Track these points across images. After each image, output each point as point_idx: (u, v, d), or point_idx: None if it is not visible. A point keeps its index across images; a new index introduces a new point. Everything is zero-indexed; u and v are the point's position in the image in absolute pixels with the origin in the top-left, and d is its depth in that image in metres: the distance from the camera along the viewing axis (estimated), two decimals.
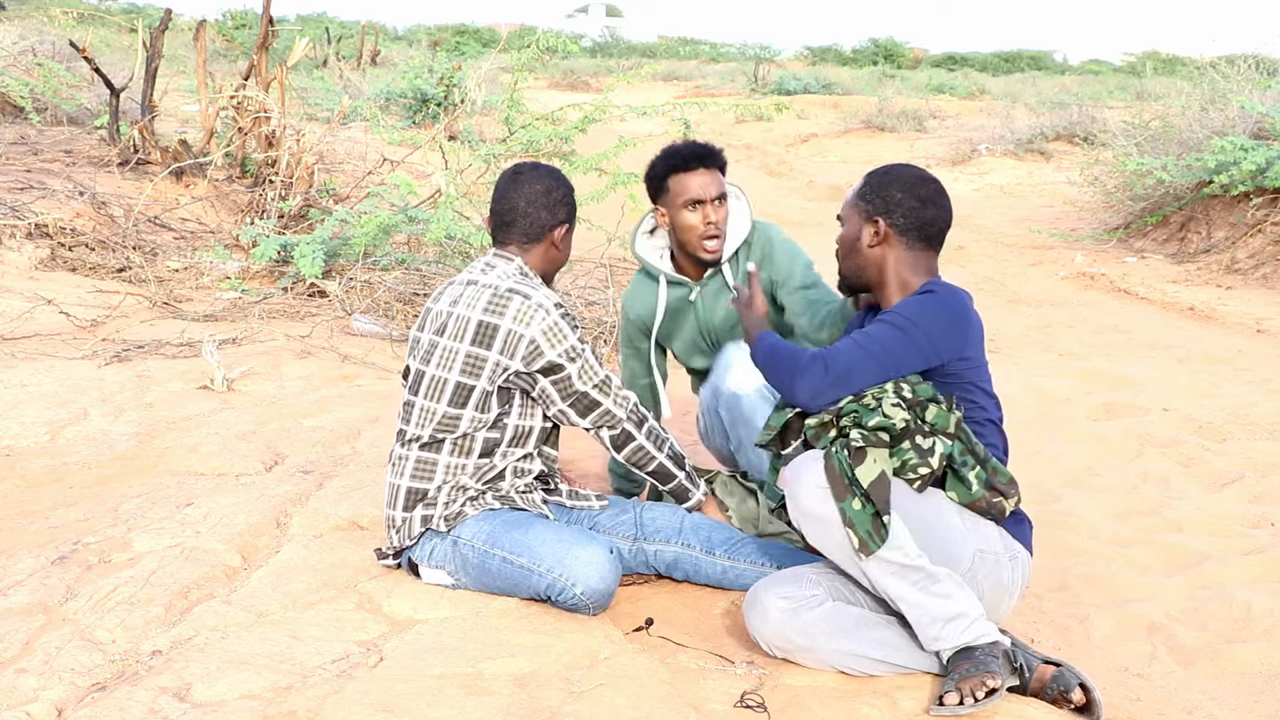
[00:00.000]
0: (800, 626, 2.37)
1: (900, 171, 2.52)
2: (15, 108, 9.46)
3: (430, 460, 2.65)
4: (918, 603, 2.25)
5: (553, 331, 2.59)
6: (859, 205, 2.52)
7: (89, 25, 14.29)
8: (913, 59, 40.84)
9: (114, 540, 2.88)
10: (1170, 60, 18.97)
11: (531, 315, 2.58)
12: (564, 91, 24.26)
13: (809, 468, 2.26)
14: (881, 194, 2.49)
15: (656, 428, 2.80)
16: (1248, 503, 3.77)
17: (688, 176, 3.06)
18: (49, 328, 5.07)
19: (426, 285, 5.92)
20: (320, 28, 22.70)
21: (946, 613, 2.24)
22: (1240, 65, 9.60)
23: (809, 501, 2.25)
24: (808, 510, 2.26)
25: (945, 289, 2.46)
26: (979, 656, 2.20)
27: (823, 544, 2.29)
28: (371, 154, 8.74)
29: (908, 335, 2.35)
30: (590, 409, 2.68)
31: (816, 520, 2.26)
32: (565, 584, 2.52)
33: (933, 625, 2.25)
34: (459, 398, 2.61)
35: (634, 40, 52.26)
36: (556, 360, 2.60)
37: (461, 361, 2.59)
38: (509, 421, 2.66)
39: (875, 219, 2.49)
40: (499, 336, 2.57)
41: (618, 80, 8.14)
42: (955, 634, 2.23)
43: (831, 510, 2.22)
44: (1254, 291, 7.52)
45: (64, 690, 2.16)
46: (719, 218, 3.08)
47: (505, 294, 2.61)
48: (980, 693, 2.13)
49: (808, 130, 18.50)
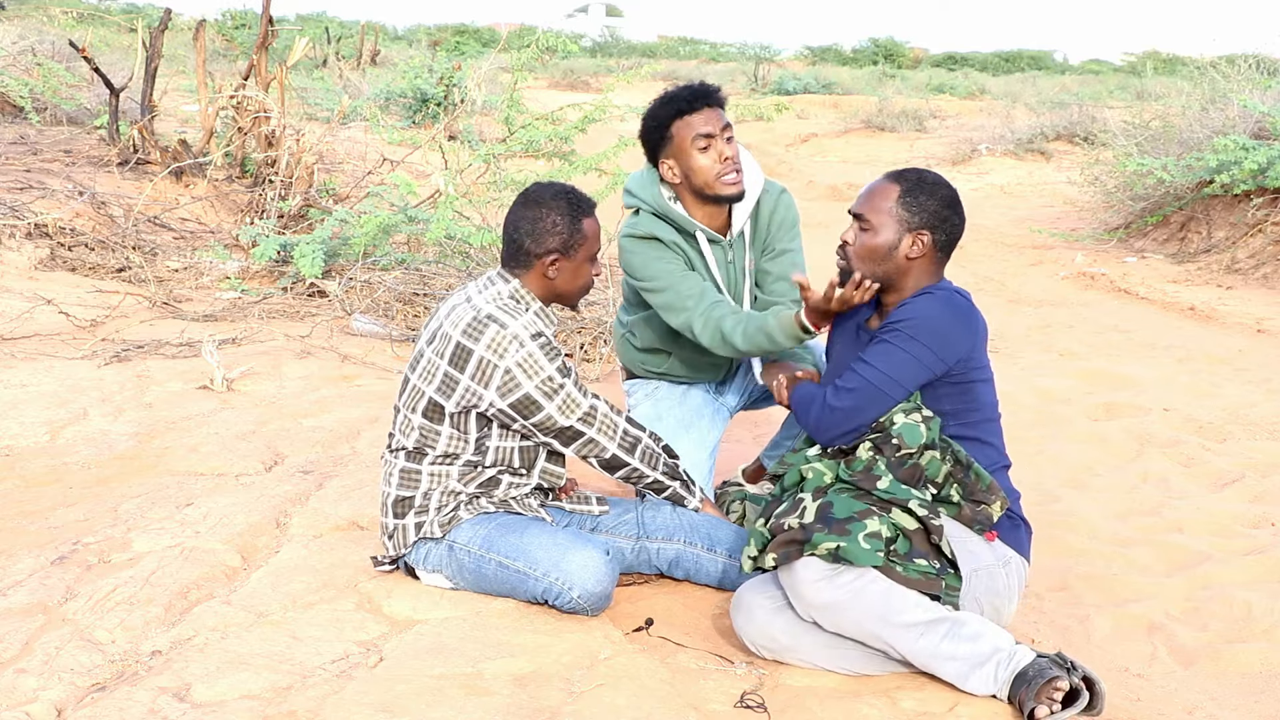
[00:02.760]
0: (784, 625, 2.38)
1: (937, 183, 2.49)
2: (15, 107, 9.46)
3: (414, 470, 2.65)
4: (952, 654, 2.25)
5: (528, 363, 2.52)
6: (901, 216, 2.46)
7: (89, 25, 14.29)
8: (913, 59, 40.84)
9: (114, 540, 2.88)
10: (1170, 60, 18.96)
11: (506, 346, 2.52)
12: (564, 91, 24.24)
13: (803, 565, 2.27)
14: (927, 207, 2.45)
15: (651, 447, 2.74)
16: (1248, 503, 3.77)
17: (694, 116, 2.92)
18: (49, 328, 5.07)
19: (426, 285, 5.92)
20: (320, 28, 22.66)
21: (982, 654, 2.24)
22: (1240, 65, 9.60)
23: (813, 594, 2.27)
24: (814, 602, 2.28)
25: (946, 290, 2.47)
26: (1032, 674, 2.20)
27: (839, 626, 2.30)
28: (371, 154, 8.74)
29: (913, 354, 2.38)
30: (574, 439, 2.63)
31: (825, 609, 2.28)
32: (562, 588, 2.51)
33: (974, 671, 2.24)
34: (433, 413, 2.59)
35: (634, 40, 52.22)
36: (534, 395, 2.54)
37: (440, 379, 2.57)
38: (490, 444, 2.64)
39: (921, 232, 2.46)
40: (471, 361, 2.53)
41: (618, 80, 8.14)
42: (1000, 671, 2.23)
43: (836, 598, 2.25)
44: (1254, 291, 7.52)
45: (64, 690, 2.16)
46: (734, 151, 2.94)
47: (484, 319, 2.55)
48: (1057, 695, 2.15)
49: (808, 130, 18.50)
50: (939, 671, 2.27)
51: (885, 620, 2.25)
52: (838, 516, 2.27)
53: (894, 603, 2.25)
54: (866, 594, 2.24)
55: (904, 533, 2.30)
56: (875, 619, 2.25)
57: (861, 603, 2.25)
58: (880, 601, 2.24)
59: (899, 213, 2.46)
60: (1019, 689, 2.21)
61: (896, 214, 2.46)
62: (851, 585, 2.25)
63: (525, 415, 2.56)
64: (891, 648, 2.28)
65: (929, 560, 2.31)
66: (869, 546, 2.23)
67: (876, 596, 2.24)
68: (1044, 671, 2.18)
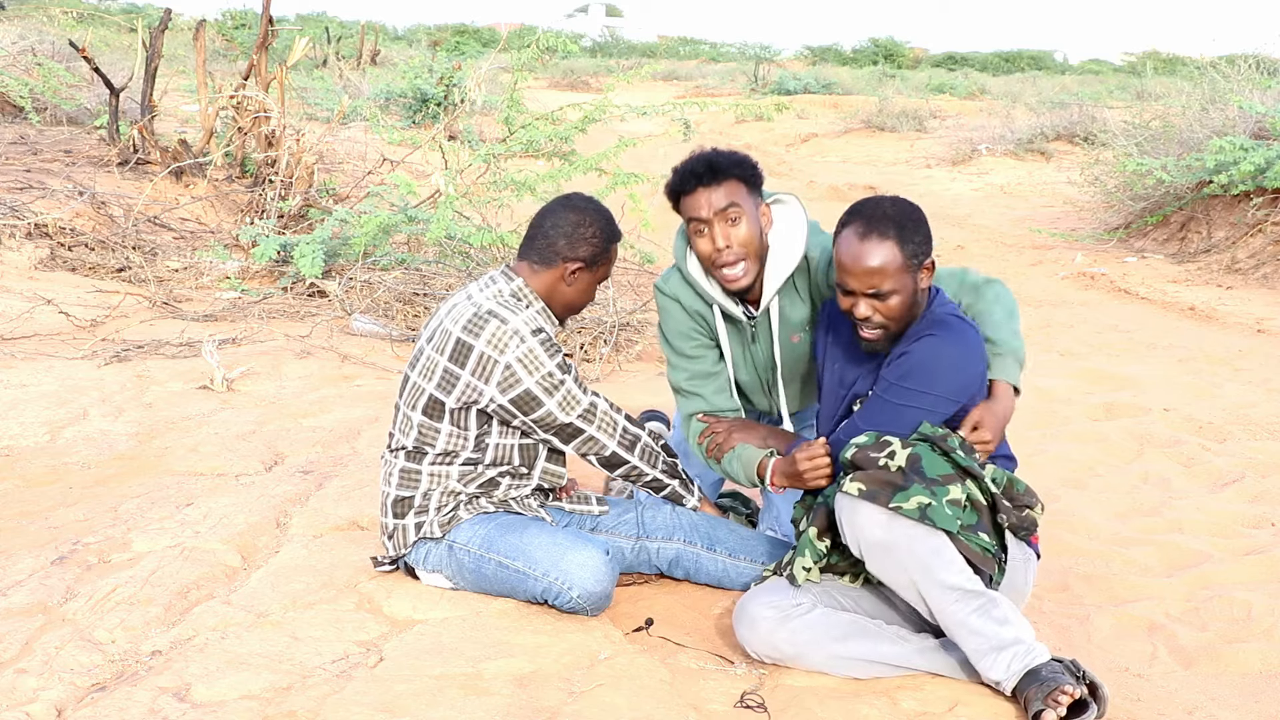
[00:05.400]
0: (787, 635, 2.38)
1: (906, 206, 2.43)
2: (15, 108, 9.47)
3: (413, 470, 2.65)
4: (978, 629, 2.24)
5: (528, 358, 2.52)
6: (907, 263, 2.35)
7: (89, 25, 14.29)
8: (913, 59, 40.84)
9: (114, 540, 2.88)
10: (1170, 60, 18.93)
11: (506, 341, 2.52)
12: (564, 91, 24.25)
13: (869, 501, 2.24)
14: (914, 238, 2.38)
15: (650, 445, 2.75)
16: (1248, 503, 3.76)
17: (689, 199, 2.60)
18: (49, 328, 5.07)
19: (426, 285, 5.92)
20: (320, 27, 22.69)
21: (1004, 639, 2.24)
22: (1240, 65, 9.59)
23: (871, 530, 2.24)
24: (870, 538, 2.24)
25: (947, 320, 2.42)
26: (1045, 675, 2.20)
27: (883, 568, 2.28)
28: (371, 154, 8.75)
29: (925, 407, 2.36)
30: (573, 436, 2.64)
31: (876, 547, 2.25)
32: (561, 587, 2.51)
33: (992, 652, 2.24)
34: (433, 410, 2.59)
35: (634, 40, 52.25)
36: (535, 391, 2.54)
37: (439, 376, 2.57)
38: (490, 441, 2.64)
39: (925, 262, 2.40)
40: (472, 357, 2.53)
41: (618, 80, 8.13)
42: (1015, 662, 2.23)
43: (892, 539, 2.22)
44: (1254, 291, 7.52)
45: (64, 690, 2.16)
46: (730, 238, 2.59)
47: (485, 315, 2.55)
48: (1065, 701, 2.14)
49: (808, 130, 18.49)
50: (960, 640, 2.27)
51: (929, 573, 2.23)
52: (928, 474, 2.25)
53: (943, 560, 2.23)
54: (921, 544, 2.22)
55: (974, 505, 2.30)
56: (921, 569, 2.23)
57: (914, 551, 2.22)
58: (931, 555, 2.22)
59: (907, 261, 2.36)
60: (1028, 685, 2.21)
61: (905, 263, 2.36)
62: (909, 532, 2.22)
63: (525, 411, 2.56)
64: (924, 602, 2.27)
65: (990, 538, 2.32)
66: (950, 513, 2.23)
67: (929, 550, 2.22)
68: (1057, 676, 2.19)
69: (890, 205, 2.41)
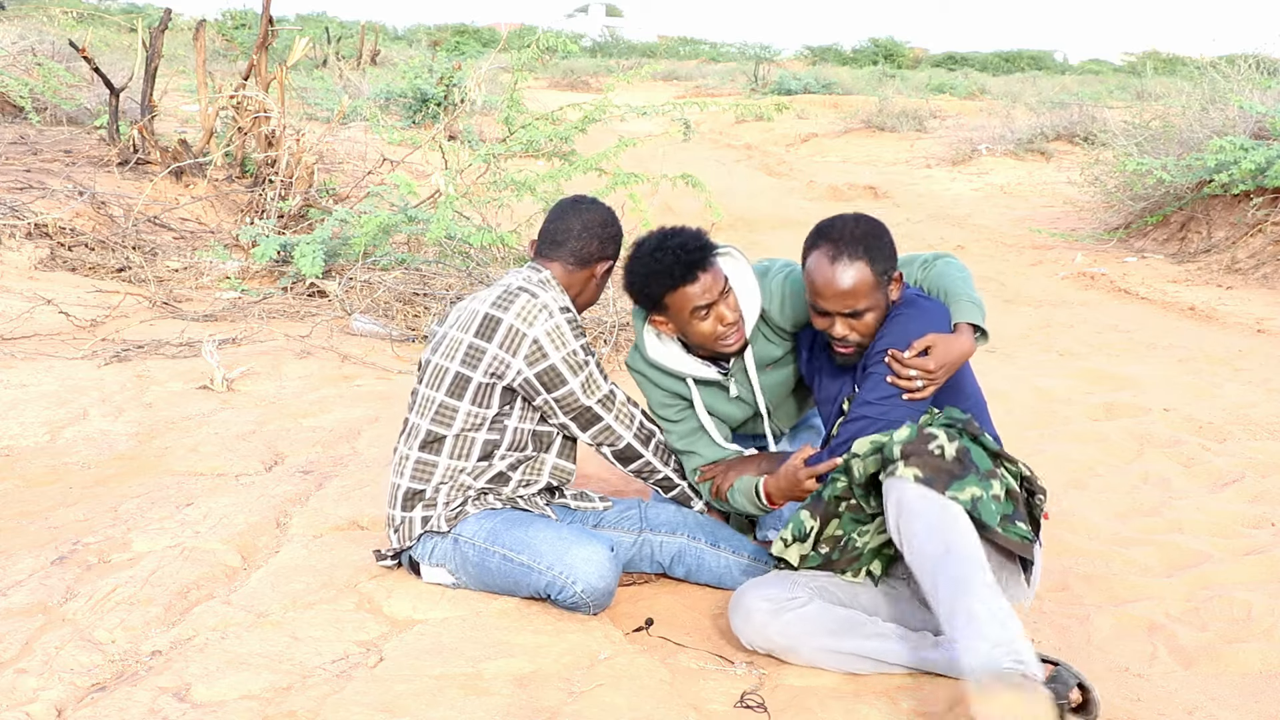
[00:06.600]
0: (781, 627, 2.39)
1: (873, 226, 2.50)
2: (15, 108, 9.47)
3: (430, 461, 2.65)
4: (974, 615, 2.19)
5: (556, 333, 2.59)
6: (878, 280, 2.45)
7: (89, 25, 14.30)
8: (913, 59, 40.84)
9: (114, 540, 2.88)
10: (1170, 60, 18.93)
11: (535, 315, 2.58)
12: (564, 91, 24.26)
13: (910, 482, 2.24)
14: (882, 255, 2.46)
15: (664, 443, 2.82)
16: (1248, 503, 3.76)
17: (688, 289, 2.61)
18: (49, 328, 5.07)
19: (426, 285, 5.92)
20: (320, 27, 22.71)
21: (995, 636, 2.18)
22: (1240, 65, 9.59)
23: (911, 501, 2.22)
24: (908, 508, 2.22)
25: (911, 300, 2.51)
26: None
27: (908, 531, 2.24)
28: (371, 154, 8.75)
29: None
30: (591, 423, 2.68)
31: (909, 514, 2.22)
32: (565, 581, 2.52)
33: (983, 642, 2.17)
34: (457, 388, 2.61)
35: (634, 40, 52.27)
36: (560, 368, 2.59)
37: (464, 352, 2.60)
38: (508, 424, 2.66)
39: (894, 274, 2.50)
40: (500, 330, 2.57)
41: (618, 80, 8.13)
42: (994, 662, 2.17)
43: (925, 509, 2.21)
44: (1254, 291, 7.52)
45: (64, 690, 2.16)
46: (733, 307, 2.68)
47: (515, 291, 2.62)
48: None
49: (808, 130, 18.50)
50: (952, 619, 2.19)
51: (950, 548, 2.20)
52: (980, 467, 2.26)
53: (971, 541, 2.21)
54: (954, 521, 2.20)
55: (1010, 494, 2.30)
56: (942, 543, 2.21)
57: (942, 523, 2.20)
58: (959, 533, 2.20)
59: (878, 279, 2.46)
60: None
61: (876, 281, 2.46)
62: (948, 507, 2.21)
63: (549, 388, 2.60)
64: (936, 575, 2.21)
65: (1025, 525, 2.32)
66: (994, 509, 2.24)
67: (960, 529, 2.20)
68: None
69: (855, 225, 2.48)
